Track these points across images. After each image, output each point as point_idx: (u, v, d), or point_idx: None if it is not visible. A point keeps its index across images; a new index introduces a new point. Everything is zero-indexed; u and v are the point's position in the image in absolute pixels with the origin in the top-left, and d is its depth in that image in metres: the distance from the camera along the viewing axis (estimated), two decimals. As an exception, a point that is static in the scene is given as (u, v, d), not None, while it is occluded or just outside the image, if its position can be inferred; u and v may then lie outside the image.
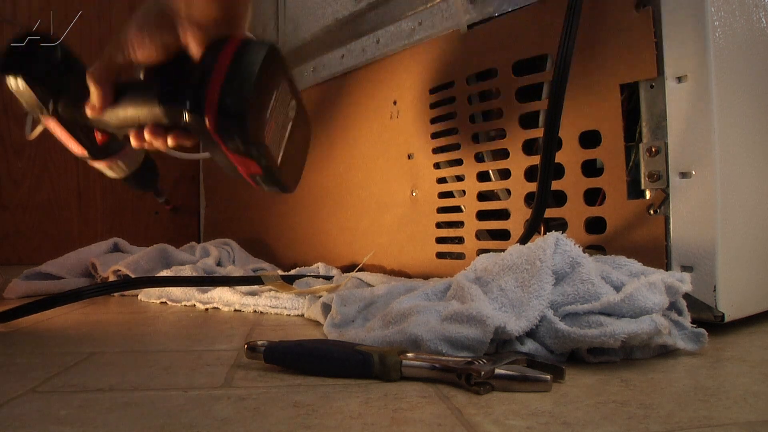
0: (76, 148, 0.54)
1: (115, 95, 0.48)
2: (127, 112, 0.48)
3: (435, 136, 0.72)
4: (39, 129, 0.70)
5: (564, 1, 0.52)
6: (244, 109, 0.45)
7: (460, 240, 0.70)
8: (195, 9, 0.44)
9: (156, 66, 0.47)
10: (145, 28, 0.46)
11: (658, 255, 0.50)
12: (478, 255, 0.52)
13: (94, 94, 0.47)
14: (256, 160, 0.48)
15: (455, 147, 0.69)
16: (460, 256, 0.69)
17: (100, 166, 0.56)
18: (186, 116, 0.45)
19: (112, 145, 0.55)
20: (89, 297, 0.64)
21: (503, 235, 0.64)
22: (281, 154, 0.53)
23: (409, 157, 0.76)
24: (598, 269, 0.42)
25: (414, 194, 0.76)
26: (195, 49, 0.45)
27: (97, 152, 0.55)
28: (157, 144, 0.48)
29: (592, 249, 0.54)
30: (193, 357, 0.44)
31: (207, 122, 0.44)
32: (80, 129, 0.53)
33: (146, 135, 0.48)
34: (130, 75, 0.48)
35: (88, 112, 0.48)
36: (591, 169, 0.56)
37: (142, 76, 0.49)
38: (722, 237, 0.48)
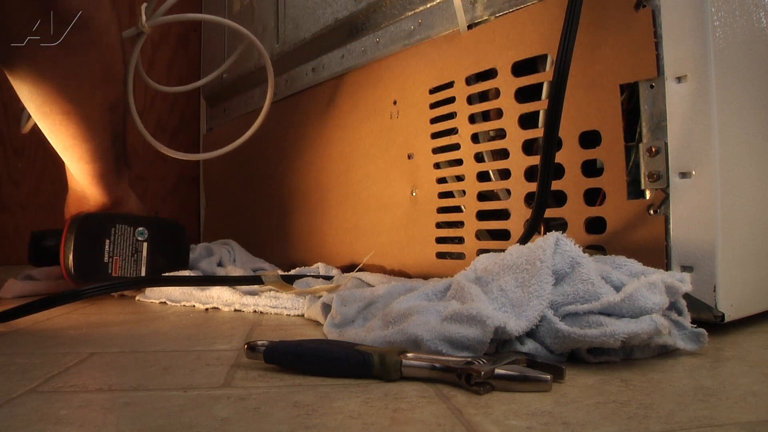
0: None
1: None
2: None
3: (435, 136, 0.72)
4: (30, 123, 0.79)
5: (564, 1, 0.52)
6: (76, 271, 0.76)
7: (460, 240, 0.70)
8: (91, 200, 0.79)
9: None
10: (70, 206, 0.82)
11: (658, 255, 0.50)
12: (478, 255, 0.52)
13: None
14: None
15: (455, 147, 0.69)
16: (460, 256, 0.69)
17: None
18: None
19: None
20: (89, 297, 0.64)
21: (503, 235, 0.64)
22: (144, 268, 0.81)
23: (409, 157, 0.76)
24: (598, 269, 0.42)
25: (414, 194, 0.76)
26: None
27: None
28: None
29: (592, 249, 0.54)
30: (193, 357, 0.44)
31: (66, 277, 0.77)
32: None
33: None
34: None
35: None
36: (591, 169, 0.56)
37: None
38: (722, 237, 0.48)
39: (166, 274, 0.79)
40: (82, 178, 0.76)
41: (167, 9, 0.78)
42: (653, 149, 0.51)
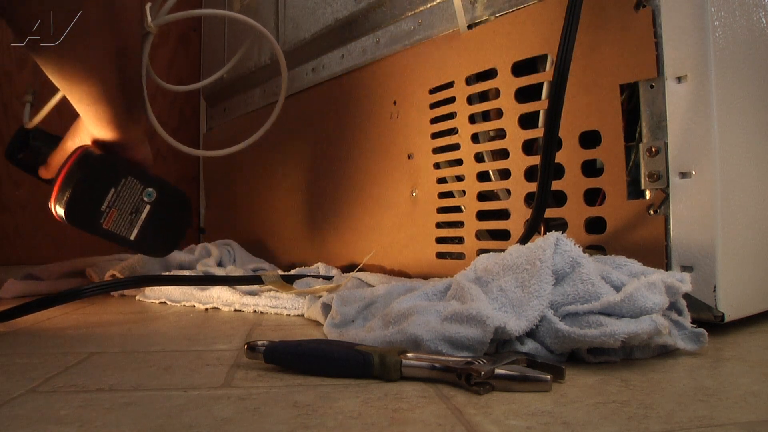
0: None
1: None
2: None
3: (435, 136, 0.72)
4: (39, 118, 0.76)
5: (564, 1, 0.52)
6: (68, 208, 0.64)
7: (460, 240, 0.70)
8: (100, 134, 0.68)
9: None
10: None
11: (658, 255, 0.50)
12: (478, 255, 0.52)
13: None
14: (102, 237, 0.69)
15: (455, 147, 0.69)
16: (460, 256, 0.69)
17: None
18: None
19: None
20: (89, 296, 0.64)
21: (503, 235, 0.64)
22: (137, 231, 0.70)
23: (409, 157, 0.76)
24: (598, 269, 0.42)
25: (414, 194, 0.76)
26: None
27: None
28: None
29: (592, 249, 0.54)
30: (193, 357, 0.44)
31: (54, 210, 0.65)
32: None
33: None
34: None
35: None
36: (591, 169, 0.56)
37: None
38: (722, 237, 0.48)
39: (160, 269, 0.79)
40: (88, 121, 0.67)
41: (171, 6, 0.78)
42: (653, 149, 0.51)
